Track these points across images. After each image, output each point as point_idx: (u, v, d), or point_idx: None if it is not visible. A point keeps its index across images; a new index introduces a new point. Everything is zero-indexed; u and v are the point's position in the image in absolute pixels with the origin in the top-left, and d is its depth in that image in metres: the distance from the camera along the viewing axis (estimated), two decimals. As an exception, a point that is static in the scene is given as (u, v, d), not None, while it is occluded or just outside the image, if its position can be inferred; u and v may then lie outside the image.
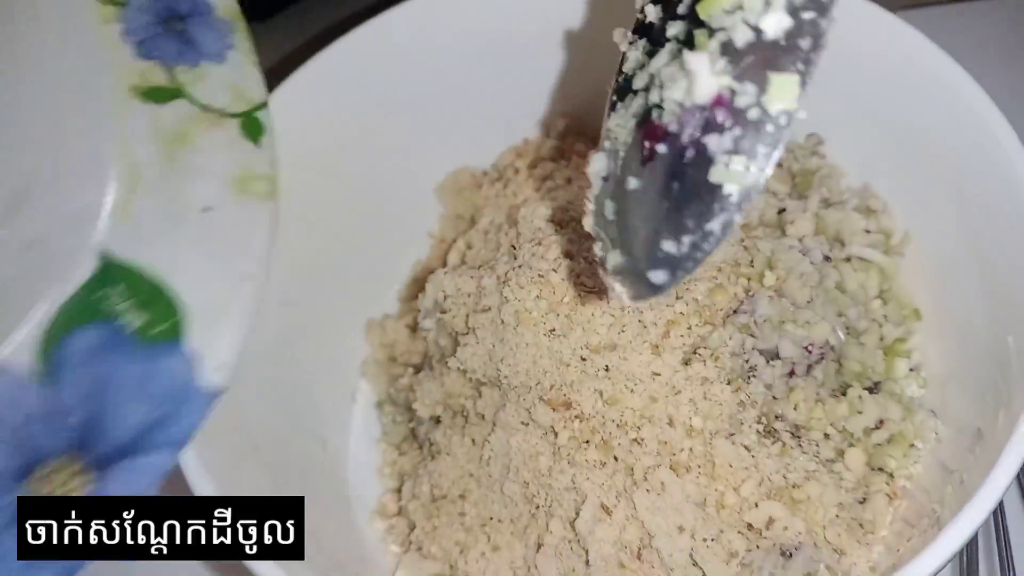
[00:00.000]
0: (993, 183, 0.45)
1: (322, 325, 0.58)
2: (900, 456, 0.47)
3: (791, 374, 0.47)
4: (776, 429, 0.46)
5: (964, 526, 0.37)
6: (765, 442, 0.45)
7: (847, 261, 0.51)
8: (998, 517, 0.48)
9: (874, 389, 0.48)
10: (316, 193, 0.56)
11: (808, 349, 0.47)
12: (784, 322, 0.47)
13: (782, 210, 0.52)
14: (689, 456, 0.45)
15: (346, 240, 0.59)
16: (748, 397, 0.46)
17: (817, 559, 0.44)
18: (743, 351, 0.46)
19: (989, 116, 0.46)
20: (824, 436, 0.46)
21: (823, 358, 0.47)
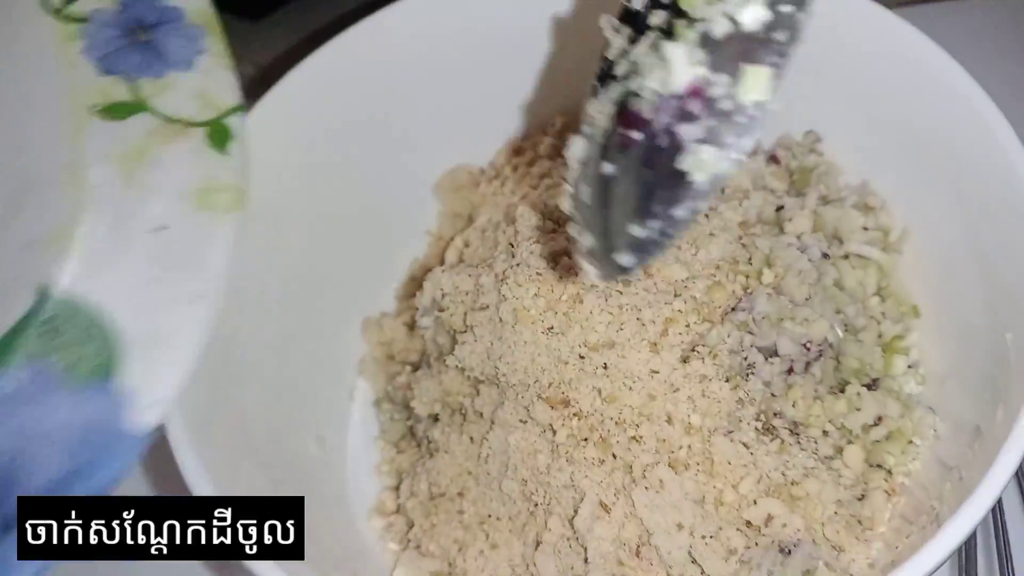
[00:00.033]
0: (991, 180, 0.45)
1: (320, 323, 0.58)
2: (898, 453, 0.47)
3: (790, 371, 0.47)
4: (775, 426, 0.46)
5: (963, 523, 0.37)
6: (764, 439, 0.45)
7: (845, 258, 0.51)
8: (997, 514, 0.48)
9: (872, 386, 0.48)
10: (313, 192, 0.56)
11: (806, 346, 0.47)
12: (782, 319, 0.47)
13: (780, 207, 0.52)
14: (688, 453, 0.45)
15: (343, 238, 0.59)
16: (747, 394, 0.46)
17: (816, 556, 0.44)
18: (741, 348, 0.46)
19: (987, 113, 0.46)
20: (823, 433, 0.46)
21: (821, 355, 0.47)
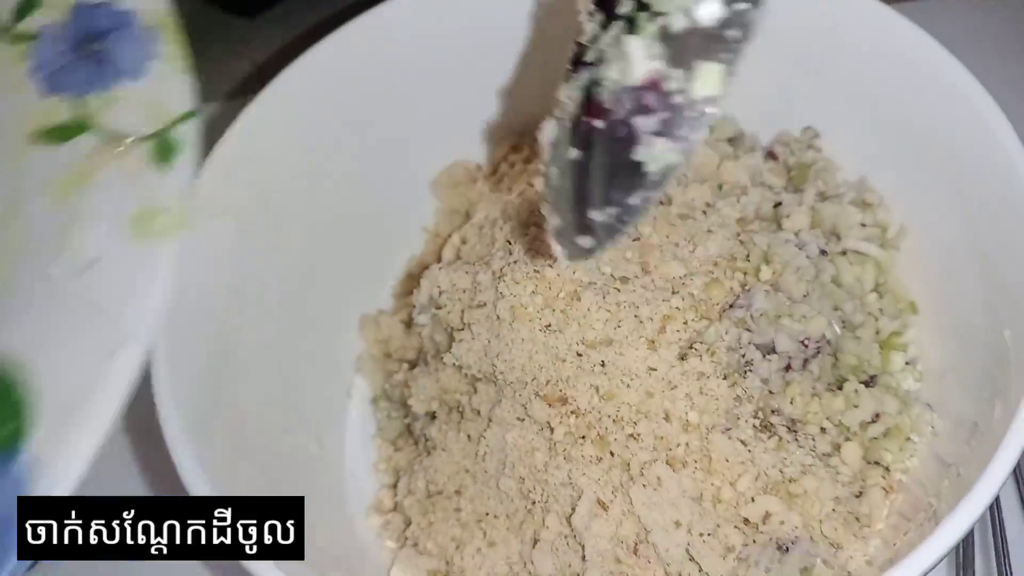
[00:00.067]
0: (990, 176, 0.45)
1: (316, 321, 0.58)
2: (896, 450, 0.47)
3: (787, 368, 0.47)
4: (772, 423, 0.46)
5: (961, 520, 0.36)
6: (761, 436, 0.45)
7: (843, 255, 0.51)
8: (994, 511, 0.48)
9: (870, 383, 0.48)
10: (309, 189, 0.56)
11: (804, 343, 0.47)
12: (780, 316, 0.47)
13: (778, 204, 0.52)
14: (685, 451, 0.45)
15: (340, 235, 0.59)
16: (744, 392, 0.46)
17: (814, 553, 0.44)
18: (739, 346, 0.46)
19: (986, 109, 0.46)
20: (820, 430, 0.46)
21: (819, 352, 0.47)
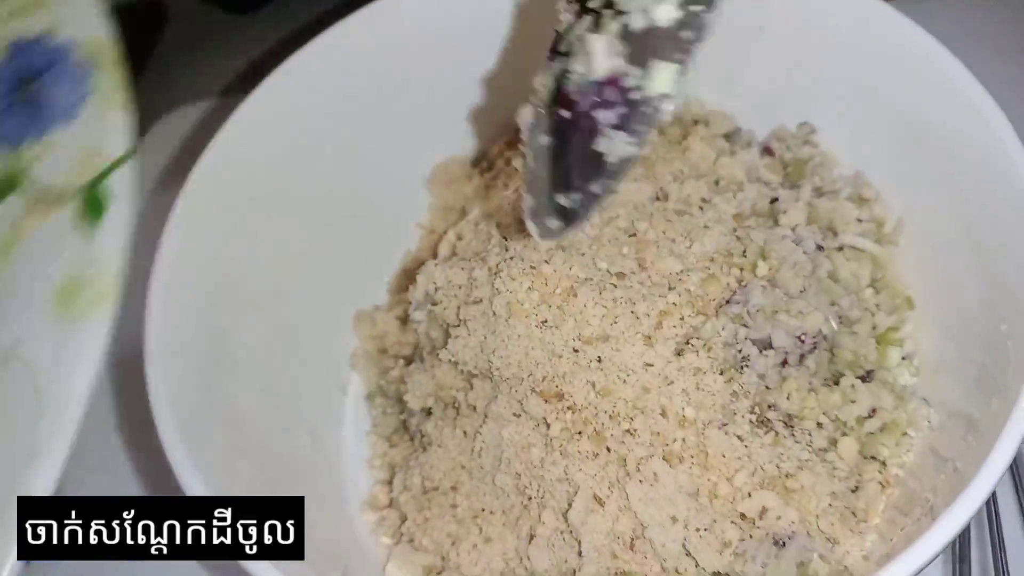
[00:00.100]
0: (987, 171, 0.45)
1: (312, 317, 0.58)
2: (893, 444, 0.47)
3: (784, 364, 0.46)
4: (769, 419, 0.46)
5: (958, 515, 0.36)
6: (758, 432, 0.45)
7: (840, 250, 0.51)
8: (991, 506, 0.48)
9: (867, 378, 0.48)
10: (304, 185, 0.56)
11: (801, 339, 0.47)
12: (777, 312, 0.47)
13: (775, 199, 0.52)
14: (682, 446, 0.45)
15: (335, 232, 0.58)
16: (741, 387, 0.46)
17: (810, 548, 0.44)
18: (736, 341, 0.46)
19: (983, 104, 0.46)
20: (817, 425, 0.46)
21: (816, 347, 0.47)
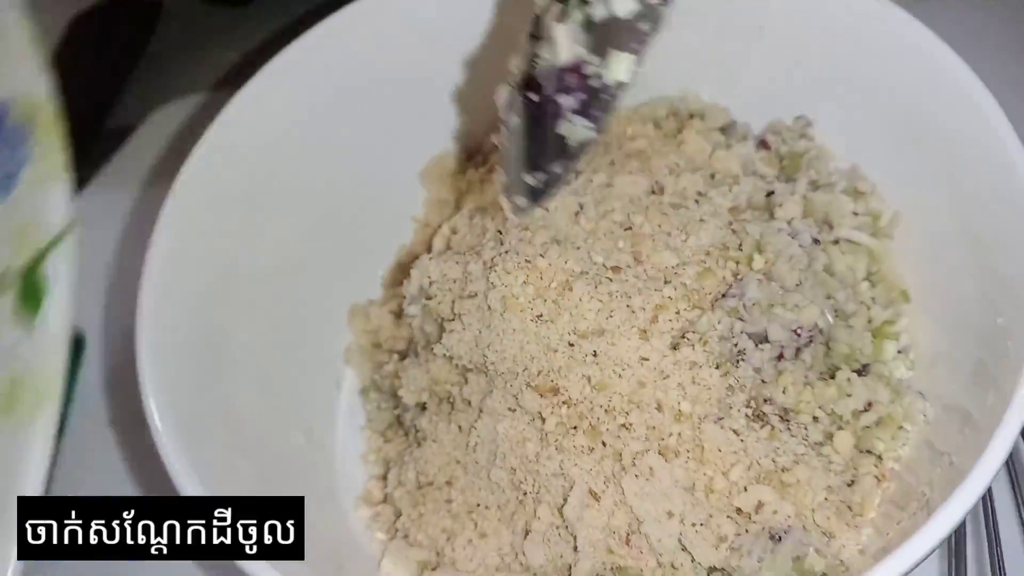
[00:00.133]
0: (984, 164, 0.45)
1: (305, 312, 0.57)
2: (888, 438, 0.47)
3: (780, 357, 0.46)
4: (765, 413, 0.46)
5: (955, 510, 0.36)
6: (754, 426, 0.45)
7: (835, 244, 0.51)
8: (986, 500, 0.48)
9: (862, 372, 0.48)
10: (297, 179, 0.56)
11: (797, 332, 0.47)
12: (773, 305, 0.47)
13: (770, 193, 0.52)
14: (678, 441, 0.45)
15: (328, 226, 0.58)
16: (737, 381, 0.45)
17: (806, 543, 0.44)
18: (732, 335, 0.46)
19: (979, 97, 0.45)
20: (813, 419, 0.46)
21: (812, 341, 0.47)
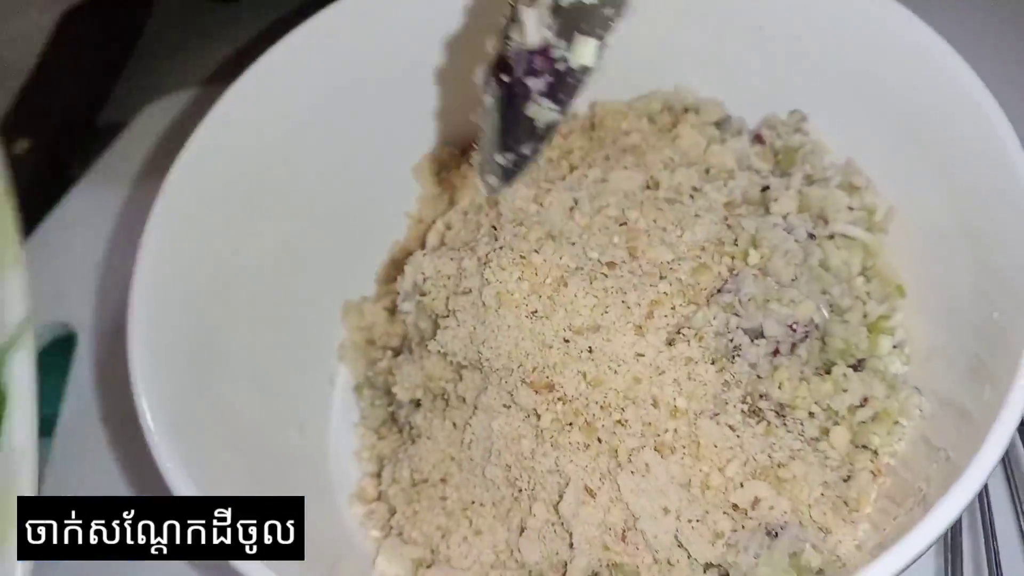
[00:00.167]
0: (980, 157, 0.45)
1: (299, 308, 0.57)
2: (884, 433, 0.47)
3: (775, 353, 0.46)
4: (761, 408, 0.45)
5: (952, 506, 0.36)
6: (750, 422, 0.45)
7: (831, 238, 0.51)
8: (982, 495, 0.48)
9: (858, 367, 0.48)
10: (289, 175, 0.56)
11: (792, 327, 0.46)
12: (768, 301, 0.46)
13: (765, 188, 0.52)
14: (673, 437, 0.44)
15: (321, 222, 0.58)
16: (732, 377, 0.45)
17: (803, 538, 0.43)
18: (727, 330, 0.46)
19: (974, 89, 0.45)
20: (809, 415, 0.46)
21: (807, 336, 0.47)
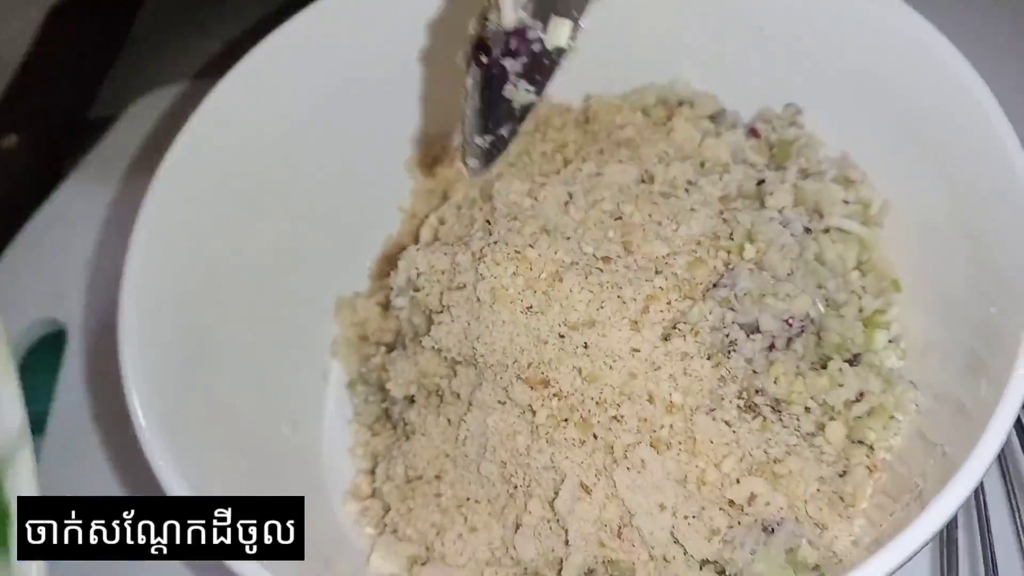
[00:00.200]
0: (977, 151, 0.45)
1: (292, 304, 0.57)
2: (880, 428, 0.47)
3: (771, 348, 0.46)
4: (757, 404, 0.45)
5: (948, 502, 0.36)
6: (746, 417, 0.45)
7: (826, 232, 0.51)
8: (978, 491, 0.48)
9: (854, 361, 0.48)
10: (280, 170, 0.55)
11: (788, 322, 0.46)
12: (764, 295, 0.46)
13: (761, 181, 0.52)
14: (669, 433, 0.44)
15: (313, 217, 0.58)
16: (728, 372, 0.45)
17: (799, 534, 0.43)
18: (723, 325, 0.46)
19: (974, 87, 0.45)
20: (805, 410, 0.46)
21: (803, 331, 0.47)
